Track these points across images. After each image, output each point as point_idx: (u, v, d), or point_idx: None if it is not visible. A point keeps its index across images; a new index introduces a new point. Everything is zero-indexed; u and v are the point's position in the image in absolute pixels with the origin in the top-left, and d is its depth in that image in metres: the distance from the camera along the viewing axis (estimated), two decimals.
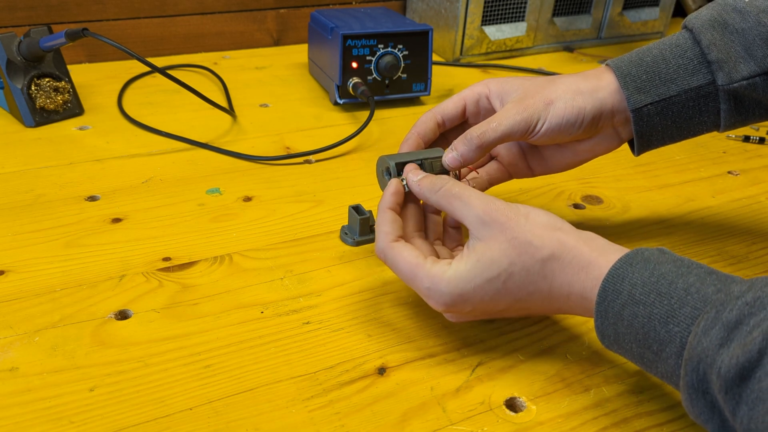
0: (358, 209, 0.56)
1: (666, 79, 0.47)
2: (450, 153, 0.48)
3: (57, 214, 0.58)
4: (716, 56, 0.46)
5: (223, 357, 0.44)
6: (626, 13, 1.15)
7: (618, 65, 0.49)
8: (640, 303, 0.35)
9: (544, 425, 0.40)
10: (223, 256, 0.54)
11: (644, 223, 0.61)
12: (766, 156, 0.76)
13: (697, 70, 0.47)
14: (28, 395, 0.40)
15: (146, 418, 0.39)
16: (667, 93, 0.47)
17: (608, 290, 0.37)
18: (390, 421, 0.40)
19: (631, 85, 0.48)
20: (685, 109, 0.48)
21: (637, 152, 0.51)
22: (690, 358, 0.32)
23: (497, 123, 0.47)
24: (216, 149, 0.71)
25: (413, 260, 0.41)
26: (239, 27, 1.04)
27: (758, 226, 0.62)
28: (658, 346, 0.35)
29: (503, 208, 0.41)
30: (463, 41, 1.02)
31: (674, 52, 0.47)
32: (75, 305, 0.47)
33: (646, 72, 0.47)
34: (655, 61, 0.48)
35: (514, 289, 0.40)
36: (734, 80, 0.46)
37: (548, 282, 0.39)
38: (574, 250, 0.39)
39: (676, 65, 0.47)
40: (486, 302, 0.40)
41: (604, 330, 0.38)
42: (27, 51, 0.72)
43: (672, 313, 0.34)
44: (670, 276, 0.35)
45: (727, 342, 0.31)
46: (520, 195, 0.65)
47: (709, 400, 0.32)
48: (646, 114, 0.48)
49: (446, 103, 0.52)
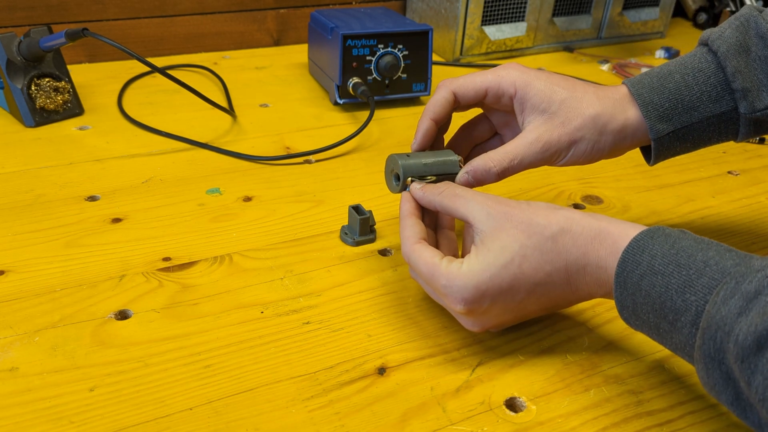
0: (358, 209, 0.56)
1: (689, 107, 0.47)
2: (465, 176, 0.48)
3: (57, 214, 0.58)
4: (741, 85, 0.46)
5: (223, 357, 0.44)
6: (626, 13, 1.15)
7: (640, 93, 0.47)
8: (659, 273, 0.35)
9: (544, 425, 0.40)
10: (223, 256, 0.54)
11: (644, 224, 0.61)
12: (766, 156, 0.76)
13: (721, 97, 0.46)
14: (28, 395, 0.40)
15: (146, 418, 0.39)
16: (689, 120, 0.47)
17: (628, 261, 0.37)
18: (390, 421, 0.40)
19: (653, 114, 0.47)
20: (706, 133, 0.48)
21: (651, 164, 0.51)
22: (708, 326, 0.32)
23: (519, 161, 0.47)
24: (216, 149, 0.71)
25: (430, 260, 0.42)
26: (239, 27, 1.04)
27: (758, 226, 0.62)
28: (674, 316, 0.35)
29: (504, 200, 0.42)
30: (463, 41, 1.02)
31: (697, 78, 0.47)
32: (75, 305, 0.47)
33: (668, 100, 0.47)
34: (678, 88, 0.47)
35: (530, 271, 0.40)
36: (757, 109, 0.46)
37: (563, 257, 0.39)
38: (583, 221, 0.40)
39: (699, 92, 0.47)
40: (504, 291, 0.40)
41: (623, 300, 0.38)
42: (27, 51, 0.72)
43: (689, 282, 0.34)
44: (689, 249, 0.36)
45: (745, 311, 0.31)
46: (521, 195, 0.65)
47: (725, 371, 0.32)
48: (667, 140, 0.48)
49: (467, 85, 0.50)
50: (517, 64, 0.50)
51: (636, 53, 1.13)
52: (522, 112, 0.49)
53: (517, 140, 0.48)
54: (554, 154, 0.48)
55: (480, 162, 0.47)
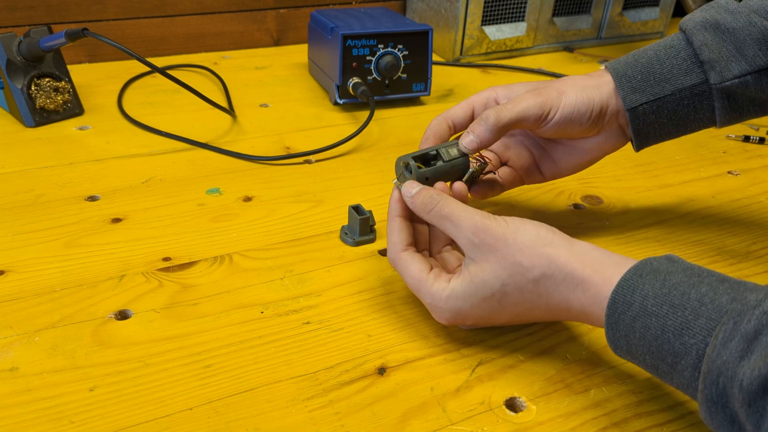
0: (358, 209, 0.56)
1: (660, 79, 0.49)
2: (467, 136, 0.48)
3: (57, 214, 0.58)
4: (708, 56, 0.47)
5: (223, 357, 0.44)
6: (626, 13, 1.15)
7: (615, 67, 0.50)
8: (653, 315, 0.35)
9: (544, 425, 0.40)
10: (223, 256, 0.54)
11: (644, 223, 0.61)
12: (766, 156, 0.76)
13: (691, 69, 0.48)
14: (28, 395, 0.40)
15: (146, 418, 0.39)
16: (661, 92, 0.49)
17: (618, 302, 0.36)
18: (390, 421, 0.40)
19: (626, 85, 0.49)
20: (680, 108, 0.49)
21: (636, 149, 0.52)
22: (709, 371, 0.31)
23: (512, 105, 0.49)
24: (216, 149, 0.71)
25: (417, 275, 0.43)
26: (239, 27, 1.04)
27: (758, 226, 0.62)
28: (673, 359, 0.34)
29: (492, 227, 0.41)
30: (463, 41, 1.02)
31: (668, 52, 0.49)
32: (75, 305, 0.47)
33: (641, 72, 0.49)
34: (650, 62, 0.49)
35: (510, 306, 0.41)
36: (726, 79, 0.47)
37: (544, 299, 0.40)
38: (566, 267, 0.39)
39: (670, 65, 0.49)
40: (485, 317, 0.42)
41: (616, 341, 0.37)
42: (27, 51, 0.72)
43: (686, 324, 0.33)
44: (682, 287, 0.35)
45: (747, 354, 0.30)
46: (521, 195, 0.65)
47: (729, 414, 0.31)
48: (642, 113, 0.49)
49: (455, 109, 0.53)
50: None
51: None
52: None
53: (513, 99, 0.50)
54: (546, 101, 0.48)
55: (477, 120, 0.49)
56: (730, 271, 0.55)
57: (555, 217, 0.62)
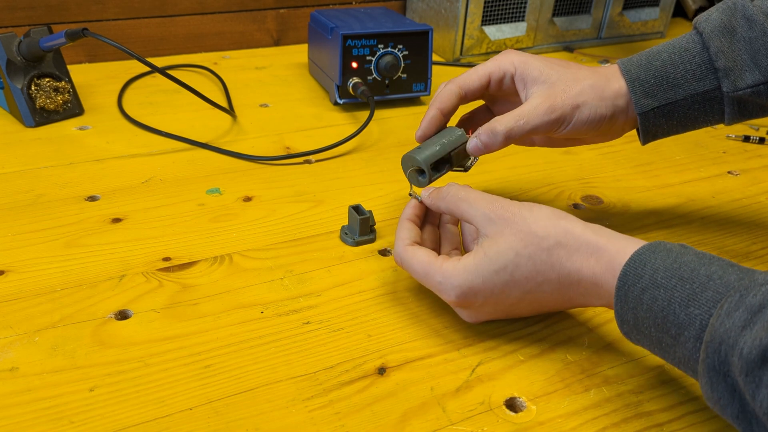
0: (358, 209, 0.56)
1: (673, 84, 0.49)
2: (474, 141, 0.50)
3: (57, 214, 0.58)
4: (723, 64, 0.47)
5: (223, 357, 0.44)
6: (626, 13, 1.15)
7: (628, 69, 0.50)
8: (661, 287, 0.36)
9: (544, 425, 0.40)
10: (223, 256, 0.54)
11: (644, 224, 0.61)
12: (766, 156, 0.76)
13: (705, 76, 0.48)
14: (28, 395, 0.40)
15: (146, 418, 0.39)
16: (673, 97, 0.49)
17: (629, 274, 0.37)
18: (390, 421, 0.40)
19: (639, 89, 0.49)
20: (691, 111, 0.49)
21: (643, 143, 0.53)
22: (711, 339, 0.32)
23: (525, 121, 0.48)
24: (216, 149, 0.71)
25: (426, 259, 0.44)
26: (239, 27, 1.04)
27: (758, 226, 0.62)
28: (677, 330, 0.35)
29: (507, 205, 0.43)
30: (463, 41, 1.02)
31: (683, 56, 0.49)
32: (75, 305, 0.47)
33: (654, 77, 0.49)
34: (664, 66, 0.49)
35: (522, 279, 0.41)
36: (739, 88, 0.47)
37: (556, 270, 0.40)
38: (581, 237, 0.40)
39: (683, 70, 0.48)
40: (496, 294, 0.42)
41: (624, 315, 0.38)
42: (27, 51, 0.72)
43: (693, 296, 0.34)
44: (692, 264, 0.36)
45: (750, 324, 0.31)
46: (521, 195, 0.65)
47: (730, 384, 0.32)
48: (653, 116, 0.50)
49: (470, 77, 0.52)
50: (513, 50, 0.52)
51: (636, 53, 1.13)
52: (524, 87, 0.51)
53: (522, 105, 0.50)
54: (559, 118, 0.49)
55: (486, 126, 0.49)
56: None
57: None
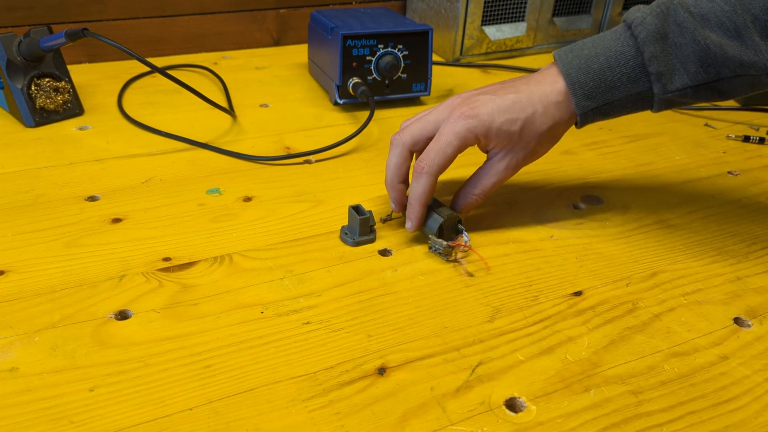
0: (358, 209, 0.56)
1: (610, 86, 0.52)
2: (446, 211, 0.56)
3: (57, 214, 0.58)
4: (656, 69, 0.50)
5: (223, 357, 0.44)
6: None
7: (568, 72, 0.52)
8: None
9: (544, 425, 0.40)
10: (223, 256, 0.54)
11: (644, 223, 0.61)
12: (766, 156, 0.76)
13: (638, 78, 0.51)
14: (28, 395, 0.40)
15: (146, 418, 0.39)
16: (610, 98, 0.52)
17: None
18: (390, 421, 0.40)
19: (579, 92, 0.52)
20: (624, 108, 0.53)
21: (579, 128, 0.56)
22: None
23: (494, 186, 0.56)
24: (216, 149, 0.71)
25: None
26: (239, 27, 1.04)
27: (758, 226, 0.62)
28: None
29: None
30: (463, 41, 1.02)
31: (619, 60, 0.51)
32: (75, 305, 0.47)
33: (593, 80, 0.52)
34: (602, 69, 0.52)
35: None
36: (669, 91, 0.51)
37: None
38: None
39: (620, 73, 0.51)
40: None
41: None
42: (27, 51, 0.72)
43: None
44: None
45: None
46: (520, 195, 0.65)
47: None
48: (591, 114, 0.53)
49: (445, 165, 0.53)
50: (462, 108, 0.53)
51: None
52: (487, 149, 0.55)
53: (490, 170, 0.55)
54: (521, 167, 0.56)
55: (463, 200, 0.57)
56: (730, 270, 0.55)
57: (555, 217, 0.62)
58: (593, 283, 0.53)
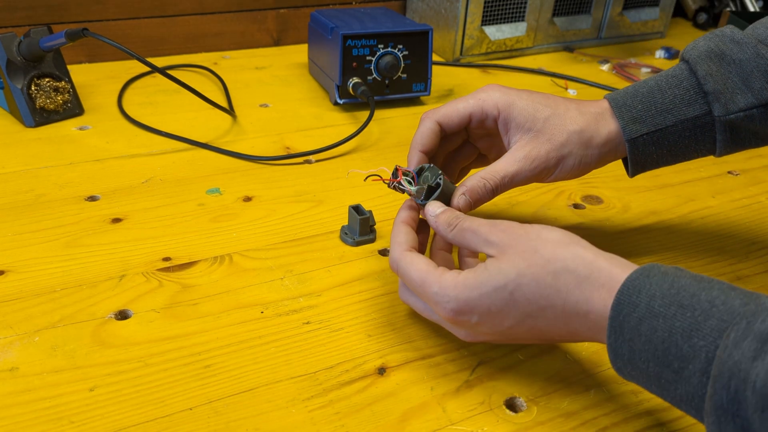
0: (358, 209, 0.56)
1: (662, 110, 0.47)
2: (463, 198, 0.46)
3: (57, 214, 0.58)
4: (713, 87, 0.45)
5: (223, 357, 0.44)
6: (626, 13, 1.15)
7: (615, 98, 0.48)
8: (660, 316, 0.32)
9: (544, 425, 0.40)
10: (223, 256, 0.54)
11: (644, 223, 0.61)
12: (766, 156, 0.76)
13: (694, 100, 0.46)
14: (28, 395, 0.40)
15: (146, 418, 0.39)
16: (663, 123, 0.47)
17: (623, 303, 0.34)
18: (390, 421, 0.40)
19: (626, 115, 0.47)
20: (682, 139, 0.48)
21: (631, 175, 0.50)
22: (719, 373, 0.29)
23: (510, 177, 0.47)
24: (216, 149, 0.71)
25: (424, 267, 0.40)
26: (239, 27, 1.04)
27: (758, 226, 0.62)
28: (680, 363, 0.31)
29: (514, 226, 0.39)
30: (463, 41, 1.02)
31: (670, 82, 0.47)
32: (75, 305, 0.47)
33: (641, 102, 0.47)
34: (651, 92, 0.47)
35: (522, 301, 0.37)
36: (731, 111, 0.45)
37: (562, 297, 0.36)
38: (593, 264, 0.36)
39: (672, 95, 0.47)
40: (493, 314, 0.38)
41: (618, 348, 0.34)
42: (27, 51, 0.72)
43: (696, 325, 0.31)
44: (691, 288, 0.33)
45: (761, 354, 0.28)
46: (521, 195, 0.65)
47: (740, 425, 0.29)
48: (642, 143, 0.48)
49: (451, 115, 0.49)
50: (497, 85, 0.50)
51: (636, 53, 1.13)
52: (507, 132, 0.49)
53: (506, 157, 0.48)
54: (543, 170, 0.47)
55: (474, 182, 0.47)
56: (730, 270, 0.55)
57: (555, 217, 0.62)
58: None
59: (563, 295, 0.36)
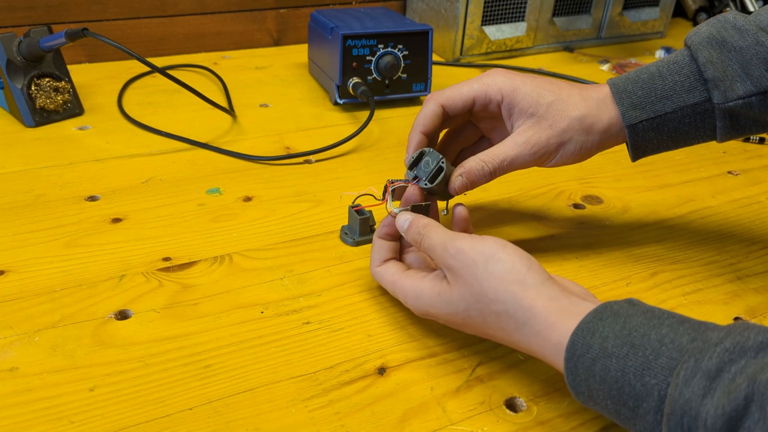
0: (358, 210, 0.56)
1: (662, 96, 0.47)
2: (460, 179, 0.48)
3: (57, 214, 0.58)
4: (712, 74, 0.45)
5: (223, 357, 0.44)
6: (626, 13, 1.15)
7: (616, 83, 0.49)
8: (613, 356, 0.33)
9: (544, 425, 0.40)
10: (223, 256, 0.54)
11: (644, 223, 0.61)
12: (766, 156, 0.76)
13: (694, 87, 0.46)
14: (28, 395, 0.40)
15: (146, 418, 0.39)
16: (662, 110, 0.47)
17: (577, 344, 0.35)
18: (390, 421, 0.40)
19: (626, 101, 0.47)
20: (681, 125, 0.48)
21: (633, 159, 0.50)
22: (672, 412, 0.30)
23: (510, 161, 0.48)
24: (216, 149, 0.71)
25: (391, 278, 0.45)
26: (239, 27, 1.04)
27: (758, 226, 0.62)
28: (635, 402, 0.32)
29: (466, 252, 0.40)
30: (463, 41, 1.02)
31: (671, 69, 0.47)
32: (75, 305, 0.47)
33: (641, 88, 0.47)
34: (652, 78, 0.47)
35: (475, 326, 0.40)
36: (730, 99, 0.45)
37: (506, 334, 0.39)
38: (530, 311, 0.37)
39: (672, 82, 0.47)
40: (456, 323, 0.42)
41: (577, 387, 0.35)
42: (27, 51, 0.72)
43: (647, 364, 0.32)
44: (642, 328, 0.34)
45: (710, 391, 0.29)
46: (520, 195, 0.65)
47: None
48: (641, 129, 0.48)
49: (454, 98, 0.50)
50: (501, 70, 0.50)
51: (636, 53, 1.13)
52: (510, 116, 0.49)
53: (507, 142, 0.48)
54: (543, 155, 0.48)
55: (472, 163, 0.48)
56: (730, 270, 0.55)
57: (555, 217, 0.62)
58: (593, 283, 0.53)
59: (507, 333, 0.39)
